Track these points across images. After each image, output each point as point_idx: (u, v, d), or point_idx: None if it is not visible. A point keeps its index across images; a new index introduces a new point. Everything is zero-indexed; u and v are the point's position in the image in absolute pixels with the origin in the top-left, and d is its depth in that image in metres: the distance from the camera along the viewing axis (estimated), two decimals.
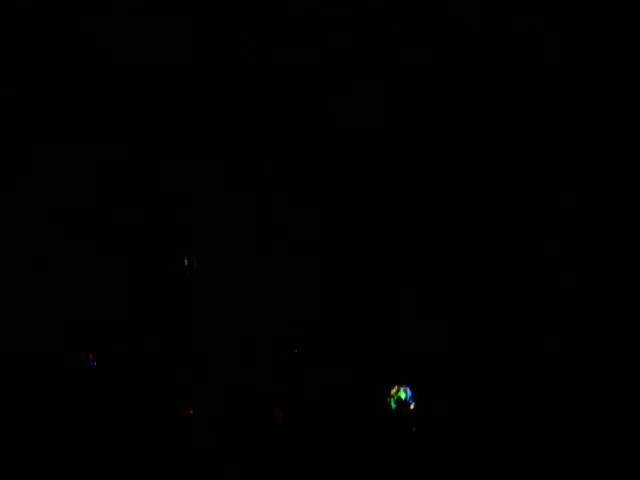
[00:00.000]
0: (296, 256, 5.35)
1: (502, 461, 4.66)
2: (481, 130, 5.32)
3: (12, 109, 5.26)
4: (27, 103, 5.28)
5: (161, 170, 5.37)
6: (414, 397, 4.83)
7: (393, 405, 4.81)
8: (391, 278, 5.30)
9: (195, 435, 4.78)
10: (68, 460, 4.63)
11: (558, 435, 4.73)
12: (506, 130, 5.29)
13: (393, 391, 4.84)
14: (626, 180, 5.13)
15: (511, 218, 5.25)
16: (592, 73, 5.18)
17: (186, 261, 5.32)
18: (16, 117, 5.27)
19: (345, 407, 4.90)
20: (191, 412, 4.85)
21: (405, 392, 4.83)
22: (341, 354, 5.16)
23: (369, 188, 5.39)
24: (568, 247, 5.14)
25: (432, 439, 4.75)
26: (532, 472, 4.62)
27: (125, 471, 4.62)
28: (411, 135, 5.37)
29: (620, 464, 4.56)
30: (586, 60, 5.18)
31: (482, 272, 5.22)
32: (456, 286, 5.25)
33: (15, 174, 5.21)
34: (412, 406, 4.81)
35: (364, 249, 5.34)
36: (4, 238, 5.13)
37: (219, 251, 5.37)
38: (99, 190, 5.31)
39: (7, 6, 5.23)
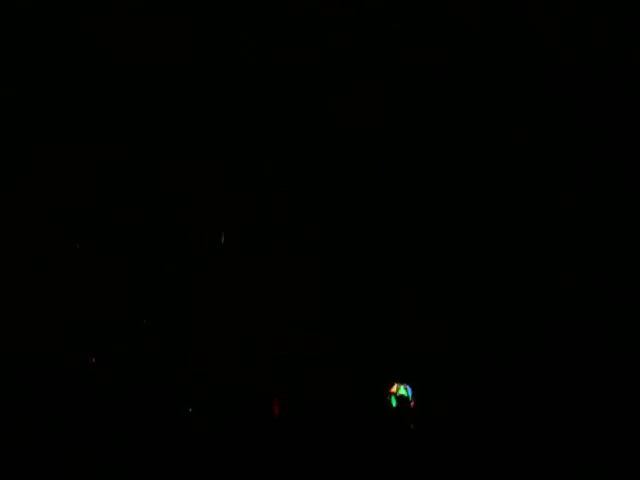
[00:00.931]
0: (296, 256, 5.34)
1: (502, 460, 4.66)
2: (481, 130, 5.32)
3: (12, 109, 5.26)
4: (27, 103, 5.28)
5: (161, 170, 5.36)
6: (414, 395, 4.84)
7: (394, 403, 4.81)
8: (391, 278, 5.30)
9: (194, 433, 4.78)
10: (68, 458, 4.63)
11: (558, 434, 4.73)
12: (506, 130, 5.29)
13: (393, 388, 4.84)
14: (626, 180, 5.13)
15: (511, 218, 5.25)
16: (592, 73, 5.18)
17: (185, 261, 5.33)
18: (16, 117, 5.26)
19: (345, 406, 4.90)
20: (190, 410, 4.86)
21: (405, 389, 4.83)
22: (341, 354, 5.16)
23: (369, 188, 5.39)
24: (568, 247, 5.14)
25: (432, 438, 4.75)
26: (531, 471, 4.62)
27: (125, 470, 4.62)
28: (411, 135, 5.37)
29: (620, 464, 4.56)
30: (586, 60, 5.18)
31: (482, 272, 5.22)
32: (456, 286, 5.25)
33: (15, 174, 5.21)
34: (412, 404, 4.81)
35: (364, 249, 5.34)
36: (4, 238, 5.13)
37: (219, 251, 5.37)
38: (99, 190, 5.31)
39: (7, 6, 5.23)
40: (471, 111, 5.32)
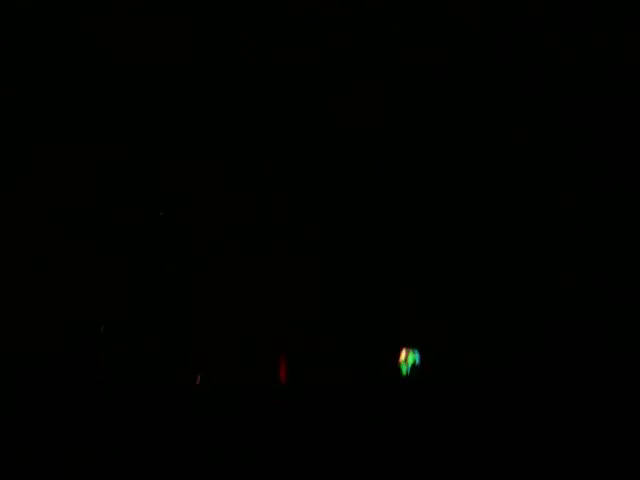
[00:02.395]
0: (296, 256, 5.35)
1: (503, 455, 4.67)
2: (481, 130, 5.33)
3: (12, 109, 5.26)
4: (27, 103, 5.28)
5: (161, 170, 5.37)
6: (421, 360, 4.84)
7: (405, 371, 4.80)
8: (391, 278, 5.30)
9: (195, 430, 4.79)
10: (67, 458, 4.64)
11: (558, 435, 4.73)
12: (506, 130, 5.29)
13: (402, 356, 4.83)
14: (627, 180, 5.13)
15: (511, 218, 5.25)
16: (592, 73, 5.18)
17: (185, 261, 5.33)
18: (16, 117, 5.26)
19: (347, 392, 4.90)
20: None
21: (414, 354, 4.83)
22: (341, 354, 5.16)
23: (369, 188, 5.39)
24: (568, 247, 5.14)
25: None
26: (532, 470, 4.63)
27: (125, 469, 4.63)
28: (411, 135, 5.38)
29: (620, 463, 4.56)
30: (586, 59, 5.18)
31: (482, 272, 5.22)
32: (456, 286, 5.25)
33: (15, 174, 5.22)
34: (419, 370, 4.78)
35: (364, 249, 5.34)
36: (4, 238, 5.13)
37: (219, 251, 5.37)
38: (99, 190, 5.31)
39: (7, 6, 5.23)
40: (471, 111, 5.33)
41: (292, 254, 5.35)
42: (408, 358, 4.86)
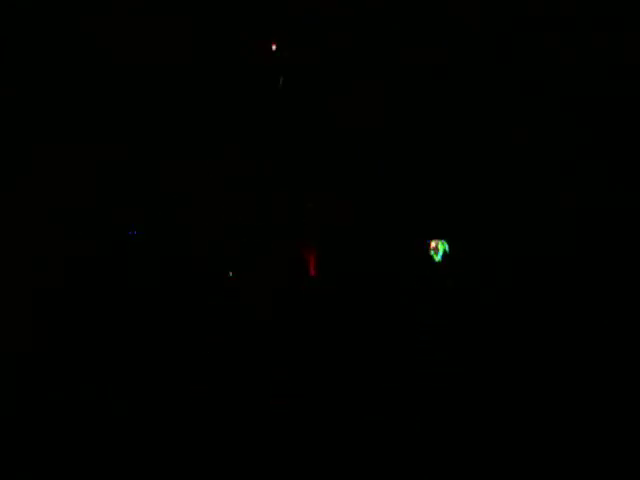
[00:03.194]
0: (296, 256, 5.35)
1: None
2: (481, 130, 5.33)
3: (12, 109, 5.26)
4: (27, 103, 5.28)
5: (161, 170, 5.37)
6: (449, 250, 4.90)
7: (437, 258, 4.83)
8: (391, 278, 5.30)
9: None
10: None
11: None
12: (506, 129, 5.29)
13: (432, 244, 4.86)
14: (626, 180, 5.13)
15: (511, 218, 5.25)
16: (592, 73, 5.19)
17: (186, 262, 5.33)
18: (16, 117, 5.27)
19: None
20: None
21: (444, 244, 4.88)
22: (342, 356, 5.16)
23: (369, 188, 5.39)
24: (568, 247, 5.14)
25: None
26: None
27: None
28: (411, 135, 5.38)
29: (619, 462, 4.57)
30: (586, 60, 5.18)
31: (482, 273, 5.22)
32: (457, 287, 5.25)
33: (15, 174, 5.21)
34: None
35: (364, 249, 5.34)
36: (4, 238, 5.13)
37: (219, 251, 5.37)
38: (99, 190, 5.31)
39: (7, 6, 5.23)
40: (471, 111, 5.33)
41: (292, 254, 5.35)
42: (439, 247, 4.91)
